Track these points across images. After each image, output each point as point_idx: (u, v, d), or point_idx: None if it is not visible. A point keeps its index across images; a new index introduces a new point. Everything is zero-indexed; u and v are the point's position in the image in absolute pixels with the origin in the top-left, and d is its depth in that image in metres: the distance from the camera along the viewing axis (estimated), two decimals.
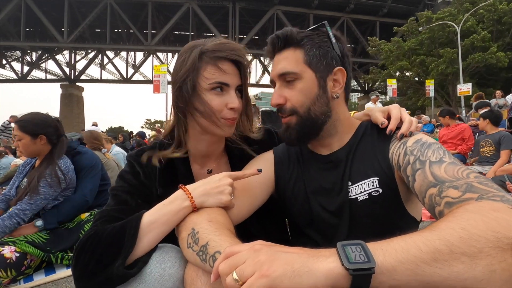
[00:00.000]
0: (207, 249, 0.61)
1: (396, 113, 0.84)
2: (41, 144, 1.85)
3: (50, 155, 1.87)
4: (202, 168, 0.97)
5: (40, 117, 1.90)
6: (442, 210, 0.58)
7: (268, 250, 0.49)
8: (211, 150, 0.96)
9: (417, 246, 0.45)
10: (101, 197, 2.13)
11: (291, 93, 0.82)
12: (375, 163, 0.80)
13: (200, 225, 0.67)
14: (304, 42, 0.82)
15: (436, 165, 0.65)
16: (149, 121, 51.89)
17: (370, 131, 0.86)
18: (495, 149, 3.87)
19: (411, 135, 0.78)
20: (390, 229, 0.79)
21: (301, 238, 0.91)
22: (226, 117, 0.86)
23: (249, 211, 0.85)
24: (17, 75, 34.83)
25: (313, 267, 0.46)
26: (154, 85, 10.18)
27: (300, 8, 29.74)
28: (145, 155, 0.91)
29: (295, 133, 0.83)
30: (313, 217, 0.86)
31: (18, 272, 1.63)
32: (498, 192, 0.54)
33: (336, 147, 0.86)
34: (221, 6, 29.98)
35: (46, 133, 1.86)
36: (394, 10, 30.00)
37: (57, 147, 1.90)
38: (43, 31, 30.35)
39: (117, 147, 4.65)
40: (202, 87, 0.84)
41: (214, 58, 0.84)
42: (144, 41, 30.11)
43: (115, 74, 37.57)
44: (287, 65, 0.82)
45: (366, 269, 0.44)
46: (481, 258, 0.42)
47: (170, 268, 0.68)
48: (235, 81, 0.87)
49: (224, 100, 0.85)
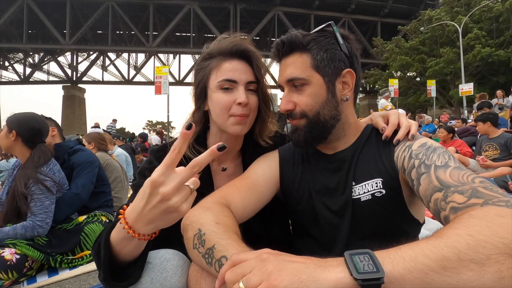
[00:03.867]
0: (213, 253, 0.61)
1: (393, 119, 0.84)
2: (12, 140, 1.81)
3: (29, 160, 1.82)
4: (219, 164, 1.00)
5: (24, 116, 1.87)
6: (447, 215, 0.58)
7: (275, 260, 0.48)
8: (229, 148, 0.97)
9: (424, 254, 0.45)
10: (100, 199, 2.11)
11: (300, 98, 0.81)
12: (380, 164, 0.80)
13: (207, 226, 0.66)
14: (311, 46, 0.80)
15: (441, 169, 0.65)
16: (151, 122, 52.02)
17: (376, 133, 0.86)
18: (500, 152, 3.80)
19: (413, 138, 0.78)
20: (392, 231, 0.79)
21: (304, 237, 0.91)
22: (235, 113, 0.86)
23: (255, 209, 0.85)
24: (19, 77, 34.97)
25: (321, 277, 0.45)
26: (155, 86, 10.22)
27: (301, 9, 29.71)
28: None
29: (303, 136, 0.82)
30: (317, 216, 0.87)
31: (19, 274, 1.63)
32: (503, 197, 0.53)
33: (342, 147, 0.87)
34: (222, 7, 30.00)
35: (18, 131, 1.82)
36: (395, 10, 29.92)
37: (35, 152, 1.83)
38: (45, 33, 30.46)
39: (119, 149, 4.65)
40: (212, 88, 0.88)
41: (220, 58, 0.88)
42: (146, 42, 30.16)
43: (117, 75, 37.68)
44: (294, 70, 0.80)
45: (375, 279, 0.43)
46: (489, 265, 0.42)
47: (171, 277, 0.67)
48: (244, 78, 0.88)
49: (232, 97, 0.87)
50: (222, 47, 0.89)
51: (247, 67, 0.89)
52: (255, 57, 0.90)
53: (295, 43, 0.81)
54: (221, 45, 0.90)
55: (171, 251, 0.72)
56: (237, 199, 0.81)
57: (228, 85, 0.87)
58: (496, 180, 3.21)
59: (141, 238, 0.58)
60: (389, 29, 27.45)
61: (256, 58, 0.91)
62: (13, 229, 1.69)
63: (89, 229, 1.93)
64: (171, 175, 0.53)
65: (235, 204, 0.80)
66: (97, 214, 2.05)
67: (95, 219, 2.00)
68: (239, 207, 0.80)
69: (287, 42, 0.81)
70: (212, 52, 0.91)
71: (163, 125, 36.06)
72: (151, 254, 0.71)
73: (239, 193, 0.83)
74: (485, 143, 4.01)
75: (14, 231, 1.69)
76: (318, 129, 0.81)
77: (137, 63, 37.73)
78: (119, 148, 4.53)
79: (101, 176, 2.16)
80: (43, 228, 1.73)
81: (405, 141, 0.79)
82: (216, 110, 0.88)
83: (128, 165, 4.62)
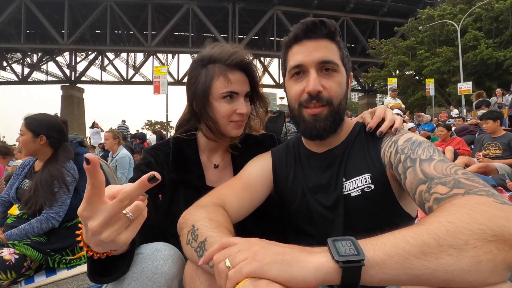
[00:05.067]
0: (204, 245, 0.62)
1: (378, 113, 0.88)
2: (40, 144, 1.85)
3: (54, 158, 1.87)
4: (209, 160, 1.06)
5: (47, 118, 1.92)
6: (431, 206, 0.60)
7: (262, 242, 0.52)
8: (218, 145, 1.05)
9: (405, 240, 0.46)
10: None
11: (329, 83, 0.80)
12: (368, 160, 0.82)
13: (200, 222, 0.69)
14: (338, 40, 0.82)
15: (426, 162, 0.67)
16: (150, 122, 51.98)
17: (364, 130, 0.88)
18: (503, 151, 3.78)
19: (396, 131, 0.81)
20: (385, 225, 0.80)
21: (300, 236, 0.92)
22: (234, 119, 0.95)
23: (249, 208, 0.86)
24: (17, 77, 34.90)
25: (304, 259, 0.47)
26: (154, 86, 10.21)
27: (300, 8, 29.71)
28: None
29: (325, 125, 0.80)
30: (312, 214, 0.87)
31: (18, 274, 1.63)
32: (483, 187, 0.55)
33: (334, 144, 0.88)
34: (221, 6, 29.97)
35: (48, 134, 1.86)
36: (394, 9, 29.97)
37: (60, 151, 1.91)
38: (44, 33, 30.43)
39: (124, 150, 4.36)
40: (214, 97, 0.93)
41: (223, 68, 0.92)
42: (144, 42, 30.14)
43: (116, 75, 37.65)
44: (329, 54, 0.80)
45: (356, 261, 0.45)
46: (467, 250, 0.44)
47: (162, 266, 0.68)
48: (244, 89, 0.96)
49: (233, 106, 0.94)
50: (224, 57, 0.93)
51: (246, 78, 0.96)
52: (252, 69, 0.97)
53: (332, 30, 0.80)
54: (223, 54, 0.94)
55: (162, 243, 0.74)
56: (232, 199, 0.82)
57: (231, 95, 0.94)
58: (494, 178, 3.21)
59: (96, 256, 0.57)
60: (388, 28, 27.45)
61: (254, 70, 0.98)
62: (29, 225, 1.74)
63: None
64: (98, 209, 0.50)
65: (230, 204, 0.81)
66: None
67: None
68: (234, 207, 0.81)
69: (326, 26, 0.79)
70: (212, 58, 0.94)
71: (162, 124, 36.04)
72: (142, 246, 0.73)
73: (234, 193, 0.84)
74: (488, 141, 3.95)
75: (31, 226, 1.73)
76: (337, 119, 0.82)
77: (136, 63, 37.74)
78: (124, 149, 4.36)
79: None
80: (56, 220, 1.78)
81: (391, 137, 0.80)
82: (216, 116, 0.94)
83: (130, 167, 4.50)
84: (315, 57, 0.78)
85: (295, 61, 0.81)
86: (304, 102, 0.80)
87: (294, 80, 0.83)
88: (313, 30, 0.79)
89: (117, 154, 4.22)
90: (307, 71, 0.80)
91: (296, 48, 0.81)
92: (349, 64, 0.86)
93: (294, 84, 0.83)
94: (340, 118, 0.83)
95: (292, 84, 0.83)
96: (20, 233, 1.71)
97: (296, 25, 0.81)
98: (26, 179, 1.93)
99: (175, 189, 0.99)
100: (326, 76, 0.80)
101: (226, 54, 0.93)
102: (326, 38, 0.80)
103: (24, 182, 1.92)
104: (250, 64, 0.96)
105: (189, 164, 1.02)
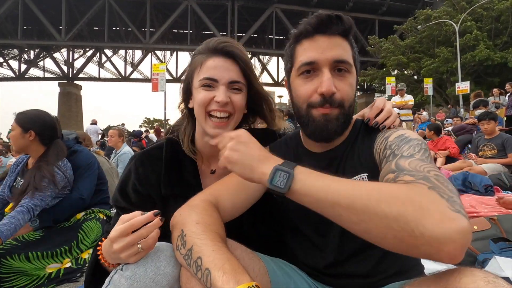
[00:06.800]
0: (191, 254, 0.63)
1: (378, 104, 0.86)
2: (29, 140, 1.81)
3: (45, 157, 1.83)
4: (208, 167, 1.00)
5: (37, 114, 1.88)
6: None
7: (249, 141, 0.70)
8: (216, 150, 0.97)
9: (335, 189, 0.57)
10: (98, 196, 2.11)
11: (341, 85, 0.75)
12: (365, 159, 0.80)
13: (188, 227, 0.68)
14: (351, 39, 0.79)
15: (404, 158, 0.64)
16: (148, 120, 51.80)
17: (363, 128, 0.87)
18: (498, 152, 3.84)
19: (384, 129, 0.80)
20: None
21: (296, 236, 0.91)
22: (211, 109, 0.86)
23: (244, 206, 0.84)
24: (14, 74, 34.65)
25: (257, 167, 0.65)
26: (152, 83, 10.16)
27: (299, 6, 29.64)
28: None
29: (336, 127, 0.77)
30: (308, 213, 0.86)
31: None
32: (449, 192, 0.52)
33: (333, 145, 0.86)
34: (220, 4, 29.85)
35: (37, 130, 1.82)
36: (393, 8, 29.96)
37: (52, 148, 1.86)
38: (41, 29, 30.17)
39: (127, 147, 4.40)
40: (195, 86, 0.89)
41: (203, 56, 0.88)
42: (143, 39, 29.98)
43: (114, 72, 37.46)
44: (344, 53, 0.75)
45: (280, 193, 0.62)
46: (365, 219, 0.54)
47: (165, 267, 0.68)
48: (227, 76, 0.86)
49: (211, 94, 0.85)
50: (208, 44, 0.89)
51: (232, 65, 0.87)
52: (240, 54, 0.87)
53: (347, 26, 0.74)
54: (208, 42, 0.90)
55: (165, 243, 0.73)
56: (225, 197, 0.80)
57: (209, 83, 0.85)
58: (491, 177, 3.23)
59: (110, 266, 0.73)
60: (387, 27, 27.45)
61: (242, 55, 0.87)
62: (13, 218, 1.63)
63: (87, 227, 1.93)
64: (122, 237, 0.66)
65: (223, 202, 0.79)
66: (95, 210, 2.05)
67: (93, 216, 2.00)
68: (228, 205, 0.79)
69: (342, 22, 0.73)
70: (199, 50, 0.91)
71: (160, 122, 35.94)
72: None
73: (228, 190, 0.82)
74: (483, 143, 4.00)
75: (16, 219, 1.63)
76: (346, 121, 0.79)
77: (134, 60, 37.53)
78: (126, 146, 4.45)
79: (99, 174, 2.16)
80: (33, 213, 1.71)
81: (384, 133, 0.78)
82: (195, 107, 0.88)
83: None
84: (330, 56, 0.73)
85: (307, 57, 0.74)
86: (316, 104, 0.75)
87: (304, 78, 0.77)
88: (328, 25, 0.73)
89: (120, 150, 4.33)
90: (320, 70, 0.74)
91: (307, 43, 0.75)
92: (358, 65, 0.82)
93: (304, 82, 0.77)
94: (349, 121, 0.81)
95: (301, 82, 0.77)
96: (10, 228, 1.62)
97: (307, 19, 0.75)
98: (19, 177, 1.91)
99: (166, 203, 0.91)
100: (339, 77, 0.75)
101: (211, 42, 0.88)
102: (341, 35, 0.75)
103: (17, 180, 1.90)
104: (235, 48, 0.86)
105: (184, 173, 0.94)
